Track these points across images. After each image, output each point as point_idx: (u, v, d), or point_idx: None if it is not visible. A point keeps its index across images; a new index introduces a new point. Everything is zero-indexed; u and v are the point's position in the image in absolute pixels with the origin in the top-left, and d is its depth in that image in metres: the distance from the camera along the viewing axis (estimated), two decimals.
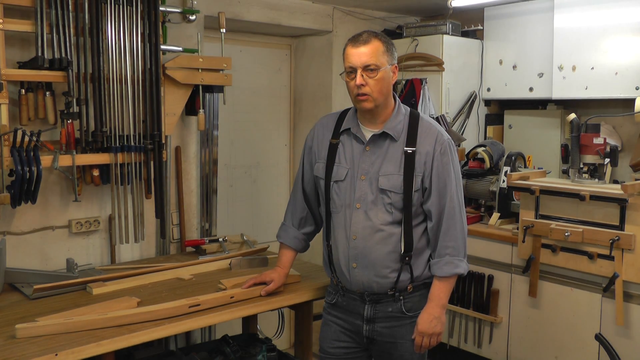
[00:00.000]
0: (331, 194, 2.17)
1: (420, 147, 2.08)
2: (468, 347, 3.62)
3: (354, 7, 3.94)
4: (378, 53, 2.03)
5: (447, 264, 2.10)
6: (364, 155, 2.12)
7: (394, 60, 2.09)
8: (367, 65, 2.02)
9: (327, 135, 2.23)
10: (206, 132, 3.29)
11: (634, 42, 3.25)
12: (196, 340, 3.23)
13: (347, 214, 2.12)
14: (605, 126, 3.54)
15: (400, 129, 2.11)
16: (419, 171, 2.07)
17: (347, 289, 2.19)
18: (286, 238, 2.39)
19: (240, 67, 3.62)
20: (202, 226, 3.36)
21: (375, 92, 2.05)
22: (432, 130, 2.12)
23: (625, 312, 2.86)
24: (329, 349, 2.25)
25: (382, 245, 2.08)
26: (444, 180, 2.08)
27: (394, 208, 2.07)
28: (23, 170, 2.41)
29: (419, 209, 2.11)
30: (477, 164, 3.83)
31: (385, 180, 2.07)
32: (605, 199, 2.87)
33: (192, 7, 3.07)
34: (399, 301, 2.13)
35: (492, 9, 3.92)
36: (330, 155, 2.19)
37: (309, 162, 2.30)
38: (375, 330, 2.16)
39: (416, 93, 3.79)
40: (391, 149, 2.10)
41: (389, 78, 2.08)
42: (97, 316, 2.04)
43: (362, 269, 2.11)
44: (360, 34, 2.07)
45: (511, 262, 3.36)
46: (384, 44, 2.05)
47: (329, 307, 2.29)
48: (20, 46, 2.60)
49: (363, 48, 2.03)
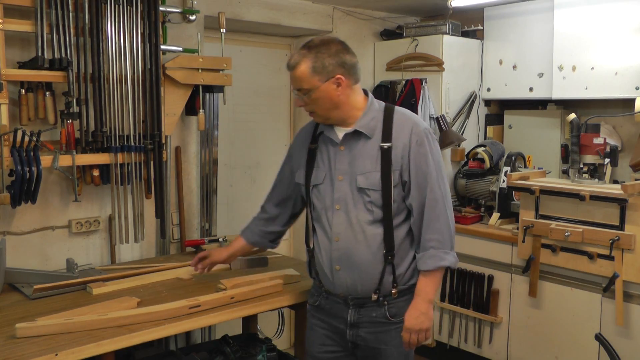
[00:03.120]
0: (312, 198, 2.16)
1: (396, 140, 2.03)
2: (468, 347, 3.62)
3: (354, 7, 3.94)
4: (305, 77, 1.99)
5: (431, 258, 2.03)
6: (339, 156, 2.09)
7: (330, 74, 1.99)
8: (299, 89, 2.02)
9: (306, 141, 2.21)
10: (206, 132, 3.29)
11: (634, 42, 3.25)
12: (196, 340, 3.23)
13: (328, 216, 2.09)
14: (605, 126, 3.54)
15: (373, 126, 2.06)
16: (396, 166, 2.02)
17: (330, 292, 2.15)
18: (243, 229, 2.46)
19: (240, 67, 3.62)
20: (202, 226, 3.36)
21: (317, 109, 2.04)
22: (407, 122, 2.06)
23: (625, 312, 2.86)
24: (316, 354, 2.23)
25: (365, 245, 2.04)
26: (423, 172, 2.02)
27: (374, 206, 2.03)
28: (23, 170, 2.41)
29: (400, 206, 2.06)
30: (477, 164, 3.84)
31: (363, 179, 2.03)
32: (605, 199, 2.87)
33: (192, 7, 3.07)
34: (384, 306, 2.08)
35: (492, 9, 3.93)
36: (309, 160, 2.17)
37: (289, 168, 2.30)
38: (359, 335, 2.11)
39: (416, 93, 3.78)
40: (366, 147, 2.05)
41: (329, 94, 2.00)
42: (97, 316, 2.04)
43: (346, 270, 2.07)
44: (291, 56, 2.04)
45: (511, 262, 3.36)
46: (312, 64, 1.97)
47: (312, 309, 2.25)
48: (20, 46, 2.60)
49: (292, 73, 2.01)
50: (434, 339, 3.82)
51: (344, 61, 2.02)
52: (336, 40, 2.07)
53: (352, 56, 2.05)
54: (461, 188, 3.86)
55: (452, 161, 3.92)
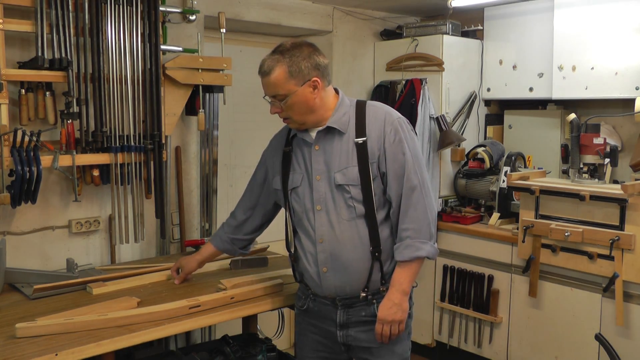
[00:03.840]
0: (291, 203, 2.13)
1: (371, 132, 2.00)
2: (468, 347, 3.62)
3: (354, 7, 3.94)
4: (281, 83, 1.95)
5: (407, 248, 1.98)
6: (314, 156, 2.05)
7: (306, 77, 1.97)
8: (275, 95, 1.99)
9: (280, 145, 2.19)
10: (206, 132, 3.28)
11: (634, 42, 3.25)
12: (196, 340, 3.23)
13: (310, 218, 2.06)
14: (605, 126, 3.54)
15: (346, 121, 2.03)
16: (372, 158, 1.99)
17: (317, 294, 2.12)
18: (214, 237, 2.48)
19: (240, 67, 3.62)
20: (202, 226, 3.36)
21: (293, 115, 2.01)
22: (379, 113, 2.03)
23: (625, 312, 2.86)
24: (310, 359, 2.22)
25: (350, 244, 2.01)
26: (399, 161, 1.99)
27: (355, 202, 1.99)
28: (23, 170, 2.41)
29: (382, 199, 2.02)
30: (477, 164, 3.84)
31: (341, 175, 2.00)
32: (605, 199, 2.87)
33: (192, 7, 3.07)
34: (372, 304, 2.05)
35: (492, 9, 3.93)
36: (284, 164, 2.15)
37: (261, 175, 2.29)
38: (350, 335, 2.08)
39: (416, 93, 3.78)
40: (341, 143, 2.02)
41: (305, 98, 1.98)
42: (97, 316, 2.04)
43: (334, 272, 2.04)
44: (263, 62, 1.99)
45: (511, 262, 3.36)
46: (288, 68, 1.95)
47: (301, 313, 2.23)
48: (20, 46, 2.60)
49: (266, 79, 1.98)
50: (434, 338, 3.82)
51: (318, 63, 2.00)
52: (306, 42, 2.05)
53: (324, 57, 2.05)
54: (461, 188, 3.87)
55: (452, 161, 3.92)
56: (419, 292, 3.82)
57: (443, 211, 3.78)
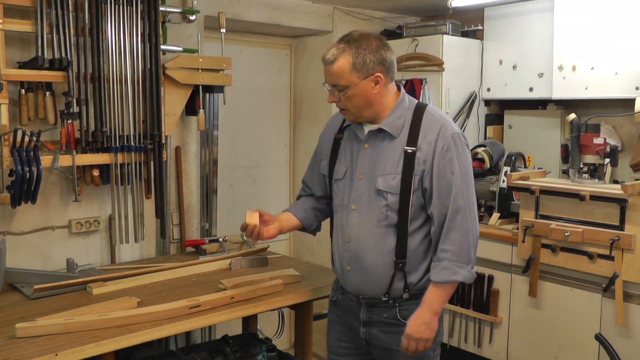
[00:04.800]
0: (332, 193, 2.12)
1: (422, 143, 1.93)
2: (468, 347, 3.62)
3: (354, 7, 3.94)
4: (343, 73, 1.90)
5: (443, 269, 1.93)
6: (362, 153, 2.02)
7: (370, 72, 1.91)
8: (335, 85, 1.94)
9: (334, 130, 2.15)
10: (206, 132, 3.29)
11: (634, 42, 3.24)
12: (196, 340, 3.23)
13: (344, 215, 2.05)
14: (605, 126, 3.54)
15: (400, 125, 1.98)
16: (417, 170, 1.93)
17: (344, 289, 2.15)
18: (294, 207, 2.28)
19: (240, 67, 3.62)
20: (202, 226, 3.36)
21: (351, 107, 1.96)
22: (435, 125, 1.95)
23: (625, 312, 2.86)
24: (333, 349, 2.23)
25: (374, 249, 1.99)
26: (446, 179, 1.92)
27: (390, 210, 1.96)
28: (23, 170, 2.41)
29: (417, 212, 1.97)
30: (477, 164, 3.83)
31: (383, 180, 1.96)
32: (605, 199, 2.87)
33: (192, 7, 3.07)
34: (394, 308, 2.03)
35: (492, 9, 3.92)
36: (333, 152, 2.12)
37: (318, 157, 2.23)
38: (372, 333, 2.08)
39: (416, 93, 3.78)
40: (390, 147, 1.97)
41: (366, 92, 1.93)
42: (97, 316, 2.04)
43: (355, 272, 2.04)
44: (329, 49, 1.93)
45: (511, 262, 3.36)
46: (352, 60, 1.89)
47: (331, 304, 2.24)
48: (20, 46, 2.60)
49: (328, 68, 1.92)
50: None
51: (384, 58, 1.93)
52: (376, 35, 1.98)
53: (391, 53, 1.97)
54: None
55: None
56: None
57: None
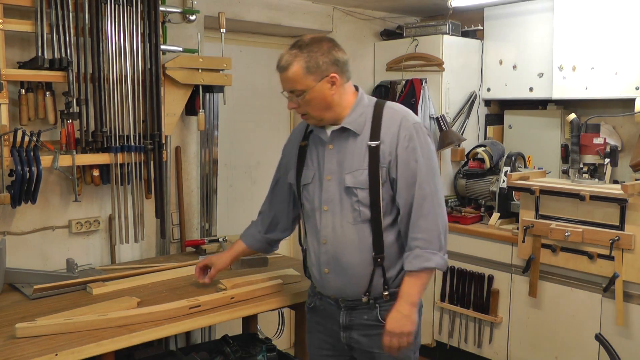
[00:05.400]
0: (302, 199, 2.12)
1: (385, 136, 1.95)
2: (468, 347, 3.62)
3: (354, 7, 3.94)
4: (298, 78, 1.92)
5: (416, 258, 1.92)
6: (328, 155, 2.02)
7: (324, 73, 1.92)
8: (292, 91, 1.95)
9: (298, 139, 2.17)
10: (206, 132, 3.29)
11: (634, 42, 3.24)
12: (196, 340, 3.23)
13: (317, 218, 2.04)
14: (605, 126, 3.54)
15: (361, 122, 1.99)
16: (384, 162, 1.94)
17: (322, 293, 2.11)
18: (244, 234, 2.39)
19: (240, 67, 3.62)
20: (202, 226, 3.36)
21: (311, 111, 1.97)
22: (396, 117, 1.98)
23: (625, 312, 2.86)
24: (316, 357, 2.22)
25: (352, 247, 1.98)
26: (411, 168, 1.93)
27: (361, 205, 1.96)
28: (23, 170, 2.41)
29: (389, 205, 1.97)
30: (477, 164, 3.84)
31: (351, 177, 1.96)
32: (605, 199, 2.87)
33: (192, 7, 3.07)
34: (375, 309, 2.01)
35: (492, 9, 3.92)
36: (300, 159, 2.13)
37: (284, 167, 2.26)
38: (353, 337, 2.05)
39: (416, 93, 3.78)
40: (354, 145, 1.98)
41: (323, 93, 1.94)
42: (97, 316, 2.04)
43: (335, 274, 2.02)
44: (281, 57, 1.96)
45: (511, 262, 3.36)
46: (305, 64, 1.91)
47: (309, 311, 2.22)
48: (20, 46, 2.60)
49: (283, 75, 1.94)
50: (434, 338, 3.82)
51: (337, 59, 1.96)
52: (326, 38, 2.02)
53: (344, 53, 1.99)
54: (461, 188, 3.87)
55: (452, 161, 3.92)
56: None
57: None
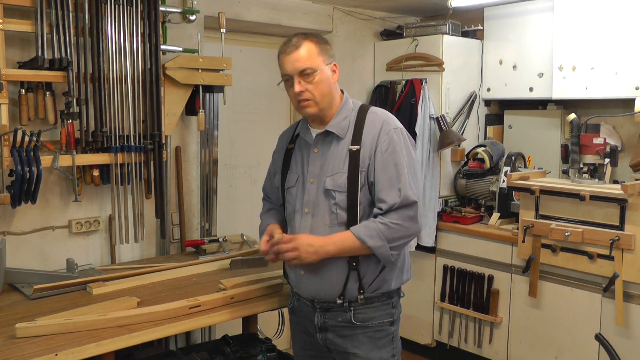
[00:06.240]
0: (285, 202, 2.13)
1: (366, 140, 1.97)
2: (468, 347, 3.62)
3: (354, 7, 3.94)
4: (311, 56, 1.94)
5: (366, 228, 1.91)
6: (312, 158, 2.05)
7: (330, 59, 2.00)
8: (303, 70, 1.94)
9: (284, 143, 2.19)
10: (206, 132, 3.29)
11: (634, 42, 3.24)
12: (196, 340, 3.23)
13: (297, 220, 2.05)
14: (605, 126, 3.54)
15: (345, 126, 2.01)
16: (363, 167, 1.96)
17: (299, 295, 2.13)
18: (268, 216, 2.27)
19: (240, 67, 3.62)
20: (202, 226, 3.36)
21: (317, 95, 1.97)
22: (377, 121, 2.00)
23: (625, 312, 2.86)
24: (300, 357, 2.24)
25: None
26: (389, 172, 1.94)
27: (339, 208, 1.97)
28: (23, 170, 2.41)
29: (366, 209, 1.98)
30: (477, 164, 3.84)
31: (330, 180, 1.98)
32: (605, 199, 2.87)
33: (192, 7, 3.07)
34: (349, 311, 2.01)
35: (492, 9, 3.92)
36: (285, 163, 2.14)
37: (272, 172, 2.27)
38: (328, 338, 2.07)
39: (416, 93, 3.78)
40: (337, 148, 2.01)
41: (329, 78, 1.99)
42: (97, 316, 2.04)
43: (310, 276, 2.03)
44: (290, 38, 1.97)
45: (511, 262, 3.36)
46: (317, 44, 1.97)
47: (290, 311, 2.25)
48: (20, 46, 2.60)
49: (295, 54, 1.94)
50: (434, 339, 3.82)
51: (334, 54, 2.06)
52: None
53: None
54: (461, 188, 3.87)
55: (452, 161, 3.91)
56: (419, 292, 3.83)
57: (443, 211, 3.78)
